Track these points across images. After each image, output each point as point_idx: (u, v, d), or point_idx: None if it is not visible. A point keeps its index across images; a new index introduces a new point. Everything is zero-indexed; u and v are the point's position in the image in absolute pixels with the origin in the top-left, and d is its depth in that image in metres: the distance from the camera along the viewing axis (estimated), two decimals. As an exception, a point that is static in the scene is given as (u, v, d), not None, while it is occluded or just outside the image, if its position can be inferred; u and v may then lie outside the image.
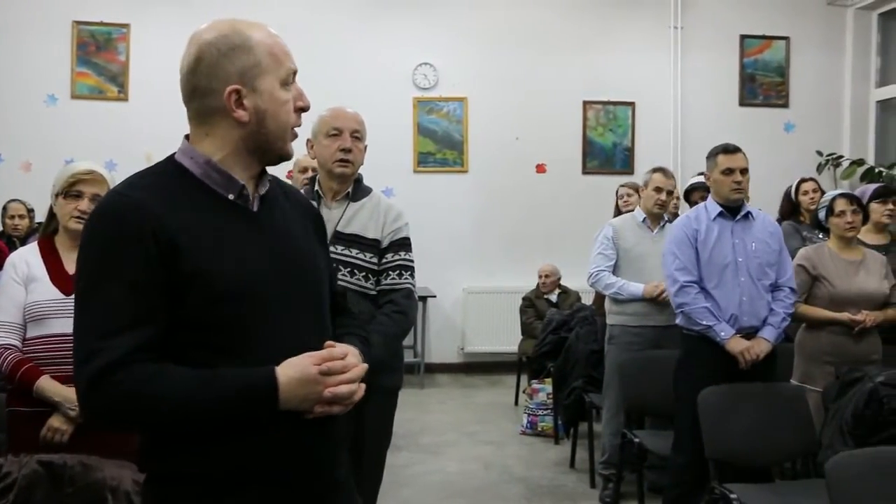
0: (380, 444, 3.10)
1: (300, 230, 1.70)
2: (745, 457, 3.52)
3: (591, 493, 4.81)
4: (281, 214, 1.67)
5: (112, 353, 1.41)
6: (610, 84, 8.36)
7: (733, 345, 3.59)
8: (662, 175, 4.67)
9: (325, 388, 1.50)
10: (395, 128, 7.98)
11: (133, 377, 1.42)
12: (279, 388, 1.47)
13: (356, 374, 1.56)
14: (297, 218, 1.71)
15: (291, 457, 1.54)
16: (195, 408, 1.45)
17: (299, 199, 1.81)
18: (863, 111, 8.63)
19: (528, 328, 6.97)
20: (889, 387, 3.49)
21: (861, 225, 4.12)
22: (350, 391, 1.53)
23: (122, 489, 2.44)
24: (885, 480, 2.49)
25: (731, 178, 3.73)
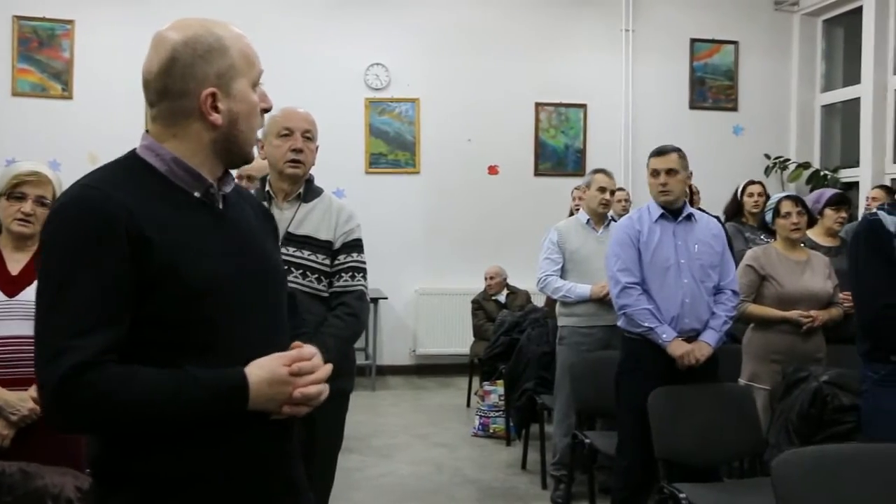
0: (331, 447, 3.06)
1: (259, 230, 1.70)
2: (694, 457, 3.53)
3: (542, 494, 4.81)
4: (241, 214, 1.66)
5: (83, 353, 1.36)
6: (562, 86, 8.40)
7: (675, 347, 3.58)
8: (604, 175, 4.72)
9: (295, 388, 1.51)
10: (346, 128, 7.93)
11: (105, 378, 1.38)
12: (249, 389, 1.46)
13: (323, 374, 1.56)
14: (254, 218, 1.71)
15: (252, 457, 1.53)
16: (167, 409, 1.41)
17: (251, 200, 1.79)
18: (809, 115, 8.78)
19: (479, 330, 6.97)
20: (832, 386, 3.55)
21: (806, 226, 4.17)
22: (318, 391, 1.55)
23: (63, 496, 2.37)
24: (829, 478, 2.51)
25: (657, 179, 3.74)
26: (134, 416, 1.41)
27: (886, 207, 3.20)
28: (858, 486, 2.52)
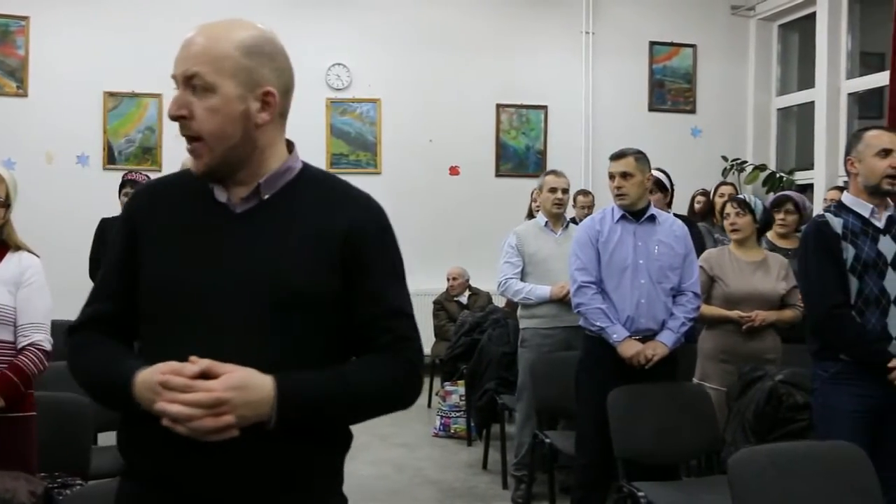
0: None
1: (295, 243, 1.55)
2: (653, 455, 3.57)
3: (503, 494, 4.83)
4: (276, 224, 1.57)
5: (79, 319, 1.64)
6: (523, 87, 8.44)
7: (625, 348, 3.62)
8: (554, 176, 4.78)
9: (161, 399, 1.41)
10: (307, 129, 7.87)
11: (75, 342, 1.62)
12: (134, 385, 1.46)
13: (201, 399, 1.39)
14: (306, 232, 1.56)
15: (217, 465, 1.50)
16: (97, 382, 1.59)
17: (336, 217, 1.60)
18: (765, 118, 8.92)
19: (440, 331, 6.98)
20: (787, 385, 3.61)
21: (748, 227, 4.19)
22: (182, 413, 1.39)
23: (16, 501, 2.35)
24: (783, 475, 2.56)
25: (613, 183, 3.79)
26: (81, 381, 1.62)
27: (833, 209, 3.27)
28: (812, 483, 2.57)
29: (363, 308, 1.58)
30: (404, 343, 1.61)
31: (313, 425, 1.52)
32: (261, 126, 1.57)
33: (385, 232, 1.66)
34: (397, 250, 1.68)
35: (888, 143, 3.16)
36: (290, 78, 1.65)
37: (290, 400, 1.45)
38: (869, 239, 3.15)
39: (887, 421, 3.08)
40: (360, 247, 1.58)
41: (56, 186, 7.33)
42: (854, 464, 2.62)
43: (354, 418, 1.60)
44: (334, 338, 1.58)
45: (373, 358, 1.58)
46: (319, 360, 1.54)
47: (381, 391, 1.59)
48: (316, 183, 1.65)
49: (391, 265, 1.65)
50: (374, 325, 1.58)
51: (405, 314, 1.63)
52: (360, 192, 1.68)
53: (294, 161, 1.64)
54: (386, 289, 1.62)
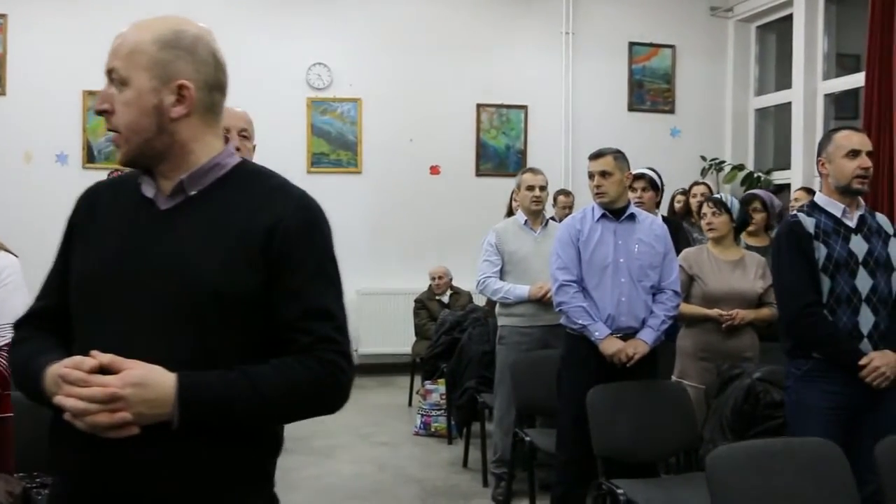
0: None
1: (216, 240, 1.53)
2: (631, 453, 3.60)
3: (483, 491, 4.85)
4: (200, 219, 1.56)
5: (21, 315, 1.70)
6: (503, 87, 8.46)
7: (606, 345, 3.65)
8: (531, 174, 4.83)
9: (60, 393, 1.43)
10: (288, 128, 7.88)
11: (14, 336, 1.68)
12: (44, 378, 1.49)
13: (95, 394, 1.39)
14: (229, 229, 1.54)
15: (78, 465, 1.52)
16: (20, 374, 1.62)
17: (262, 214, 1.57)
18: (743, 118, 8.99)
19: (421, 330, 6.99)
20: (765, 382, 3.65)
21: (725, 226, 4.23)
22: (76, 407, 1.40)
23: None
24: (761, 471, 2.59)
25: (593, 182, 3.82)
26: (14, 375, 1.67)
27: (806, 209, 3.31)
28: (788, 479, 2.60)
29: (284, 308, 1.53)
30: (326, 345, 1.54)
31: (221, 426, 1.48)
32: (177, 119, 1.56)
33: (312, 229, 1.60)
34: (328, 249, 1.63)
35: (857, 144, 3.20)
36: (215, 72, 1.61)
37: (192, 400, 1.43)
38: (841, 238, 3.19)
39: (860, 417, 3.13)
40: (283, 244, 1.54)
41: (35, 186, 7.27)
42: (830, 460, 2.66)
43: (265, 420, 1.56)
44: (254, 338, 1.53)
45: (289, 359, 1.52)
46: (236, 361, 1.49)
47: (292, 394, 1.51)
48: (248, 179, 1.62)
49: (317, 264, 1.59)
50: (294, 327, 1.53)
51: (329, 315, 1.57)
52: (294, 189, 1.63)
53: (225, 157, 1.62)
54: (308, 289, 1.55)
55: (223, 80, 1.64)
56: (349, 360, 1.58)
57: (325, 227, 1.64)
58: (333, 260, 1.64)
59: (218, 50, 1.63)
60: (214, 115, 1.63)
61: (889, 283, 3.19)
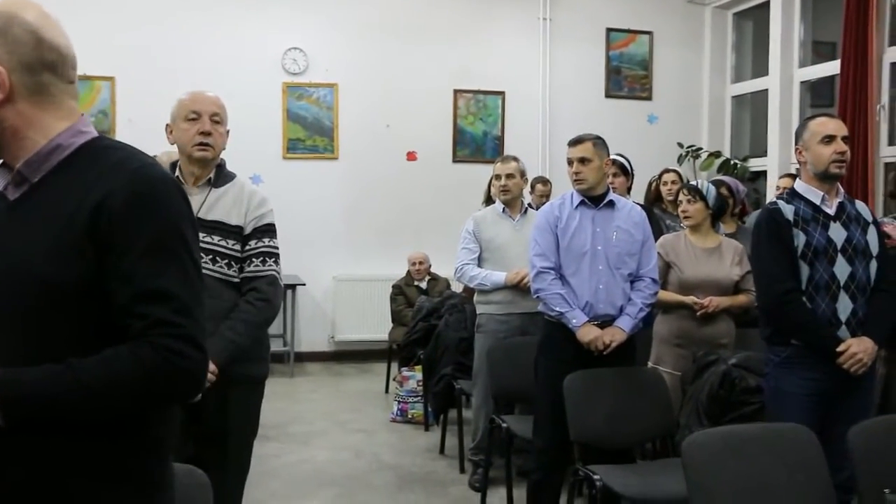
0: (245, 435, 3.02)
1: (48, 227, 1.45)
2: (608, 439, 3.61)
3: (460, 478, 4.85)
4: (39, 207, 1.49)
5: None
6: (480, 73, 8.43)
7: (584, 333, 3.63)
8: (500, 163, 4.83)
9: None
10: (263, 113, 7.82)
11: None
12: None
13: None
14: (61, 213, 1.46)
15: None
16: None
17: (92, 193, 1.46)
18: (720, 105, 9.02)
19: (398, 316, 6.98)
20: (740, 368, 3.67)
21: (700, 214, 4.23)
22: None
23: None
24: (736, 457, 2.60)
25: (571, 168, 3.80)
26: None
27: (785, 196, 3.32)
28: (763, 465, 2.61)
29: (115, 292, 1.42)
30: (160, 328, 1.41)
31: (50, 421, 1.41)
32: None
33: (144, 202, 1.45)
34: (168, 224, 1.47)
35: (832, 130, 3.22)
36: (35, 51, 1.48)
37: (11, 397, 1.37)
38: (819, 226, 3.20)
39: (836, 403, 3.15)
40: (109, 222, 1.42)
41: (5, 170, 7.18)
42: (804, 445, 2.68)
43: (97, 413, 1.44)
44: (90, 328, 1.45)
45: (121, 348, 1.41)
46: (76, 351, 1.41)
47: (121, 384, 1.41)
48: (92, 158, 1.50)
49: (151, 241, 1.44)
50: (127, 311, 1.42)
51: (165, 296, 1.43)
52: (134, 162, 1.50)
53: (68, 137, 1.51)
54: (140, 269, 1.42)
55: (51, 57, 1.50)
56: (193, 342, 1.44)
57: (166, 199, 1.48)
58: (179, 235, 1.48)
59: (43, 27, 1.50)
60: (49, 95, 1.51)
61: (867, 271, 3.21)
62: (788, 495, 2.58)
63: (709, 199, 4.24)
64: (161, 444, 1.57)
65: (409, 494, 4.61)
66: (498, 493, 4.45)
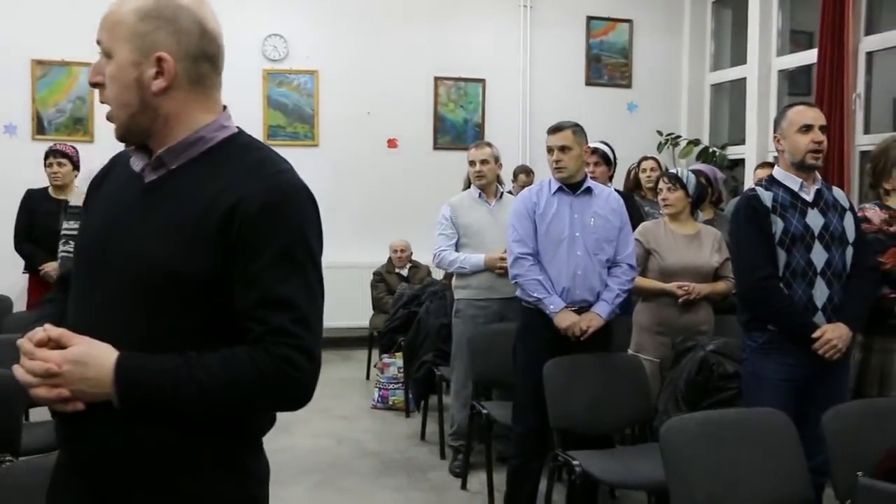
0: None
1: (180, 217, 1.48)
2: (587, 424, 3.64)
3: (441, 464, 4.88)
4: (175, 195, 1.51)
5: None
6: (461, 60, 8.42)
7: (561, 318, 3.65)
8: (474, 148, 4.84)
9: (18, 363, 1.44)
10: (243, 100, 7.75)
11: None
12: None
13: (35, 368, 1.41)
14: (195, 205, 1.48)
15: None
16: None
17: (229, 191, 1.48)
18: (699, 93, 9.05)
19: (379, 303, 6.98)
20: (718, 354, 3.70)
21: (680, 202, 4.24)
22: (21, 379, 1.42)
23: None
24: (713, 441, 2.64)
25: (552, 156, 3.81)
26: None
27: (764, 183, 3.35)
28: (740, 449, 2.65)
29: (239, 294, 1.45)
30: (278, 337, 1.44)
31: (162, 411, 1.44)
32: (158, 93, 1.50)
33: (279, 210, 1.48)
34: (300, 234, 1.50)
35: (810, 119, 3.25)
36: (199, 42, 1.54)
37: (129, 382, 1.41)
38: (797, 212, 3.24)
39: (812, 389, 3.19)
40: (243, 225, 1.44)
41: (-18, 157, 7.12)
42: (780, 430, 2.72)
43: (207, 410, 1.46)
44: (210, 323, 1.47)
45: (240, 349, 1.44)
46: (189, 345, 1.44)
47: (234, 387, 1.44)
48: (232, 154, 1.54)
49: (282, 250, 1.46)
50: (248, 315, 1.45)
51: (288, 305, 1.45)
52: (274, 166, 1.54)
53: (212, 131, 1.55)
54: (267, 275, 1.45)
55: (212, 50, 1.57)
56: (308, 355, 1.47)
57: (298, 209, 1.52)
58: (306, 246, 1.51)
59: (206, 19, 1.55)
60: (203, 86, 1.56)
61: (844, 257, 3.25)
62: (764, 479, 2.62)
63: (689, 186, 4.26)
64: (260, 432, 1.62)
65: (390, 480, 4.63)
66: (478, 479, 4.49)
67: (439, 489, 4.52)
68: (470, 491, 4.47)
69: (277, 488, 4.71)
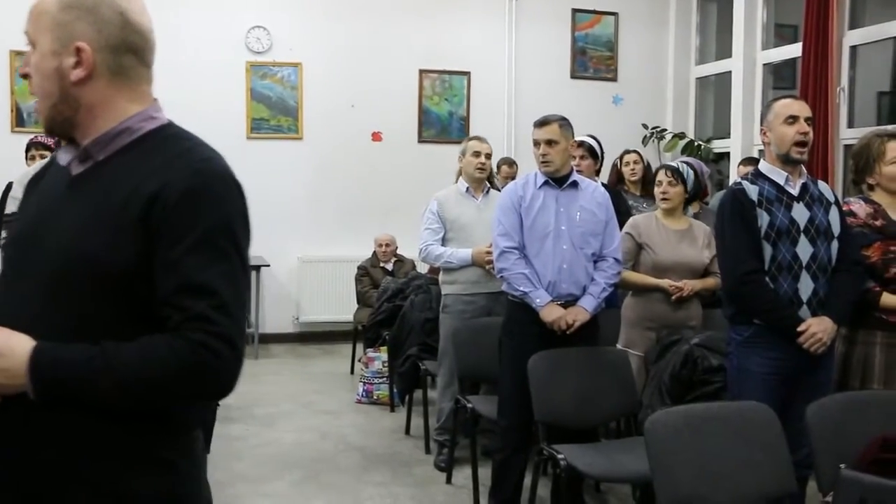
0: None
1: (102, 208, 1.47)
2: (572, 418, 3.63)
3: (426, 458, 4.87)
4: (99, 187, 1.50)
5: None
6: (446, 53, 8.39)
7: (547, 312, 3.64)
8: (478, 140, 4.82)
9: None
10: (227, 93, 7.72)
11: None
12: None
13: None
14: (118, 196, 1.47)
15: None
16: None
17: (152, 180, 1.48)
18: (684, 87, 9.06)
19: (363, 297, 6.96)
20: (703, 348, 3.71)
21: (679, 197, 4.21)
22: None
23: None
24: (697, 435, 2.64)
25: (538, 150, 3.79)
26: None
27: (750, 177, 3.35)
28: (724, 442, 2.65)
29: (159, 282, 1.43)
30: (197, 324, 1.41)
31: (78, 401, 1.42)
32: (77, 83, 1.50)
33: (201, 196, 1.45)
34: (222, 220, 1.47)
35: (796, 111, 3.26)
36: (121, 33, 1.52)
37: (43, 372, 1.40)
38: (783, 206, 3.24)
39: (796, 383, 3.20)
40: (164, 212, 1.43)
41: (-39, 149, 7.04)
42: (764, 424, 2.72)
43: (127, 400, 1.43)
44: (135, 314, 1.45)
45: (156, 337, 1.41)
46: (114, 336, 1.42)
47: (153, 374, 1.41)
48: (158, 144, 1.52)
49: (202, 235, 1.43)
50: (168, 302, 1.42)
51: (208, 292, 1.42)
52: (198, 154, 1.52)
53: (138, 121, 1.53)
54: (186, 261, 1.42)
55: (136, 41, 1.54)
56: (229, 342, 1.43)
57: (222, 197, 1.49)
58: (230, 234, 1.48)
59: (130, 10, 1.53)
60: (127, 78, 1.54)
61: (829, 251, 3.26)
62: (748, 472, 2.63)
63: (688, 182, 4.23)
64: (186, 426, 1.58)
65: (375, 475, 4.61)
66: (463, 473, 4.48)
67: (424, 483, 4.51)
68: (455, 485, 4.46)
69: (260, 483, 4.72)
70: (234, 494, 4.28)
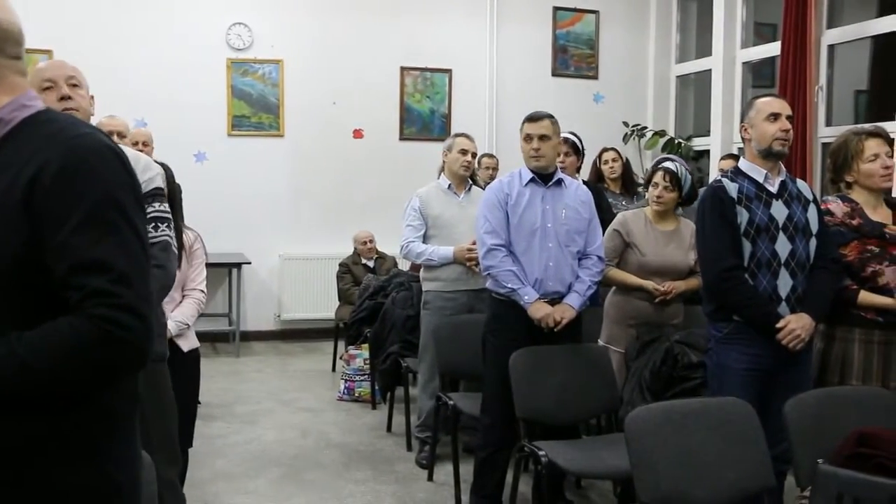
0: (162, 418, 2.93)
1: None
2: (554, 415, 3.65)
3: (407, 455, 4.87)
4: None
5: None
6: (427, 51, 8.39)
7: (535, 309, 3.65)
8: (466, 138, 4.81)
9: None
10: (208, 90, 7.68)
11: None
12: None
13: None
14: (1, 187, 1.44)
15: None
16: None
17: (30, 164, 1.45)
18: (665, 85, 9.10)
19: (345, 294, 6.95)
20: (682, 344, 3.73)
21: (673, 202, 4.17)
22: None
23: None
24: (677, 430, 2.65)
25: (530, 145, 3.79)
26: None
27: (730, 174, 3.38)
28: (703, 438, 2.67)
29: (53, 267, 1.40)
30: (97, 299, 1.38)
31: None
32: None
33: (77, 173, 1.42)
34: (102, 193, 1.43)
35: (778, 108, 3.29)
36: None
37: None
38: (762, 204, 3.26)
39: (775, 379, 3.22)
40: (44, 195, 1.40)
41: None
42: (743, 419, 2.74)
43: (39, 388, 1.41)
44: (37, 303, 1.42)
45: (59, 320, 1.39)
46: (16, 328, 1.40)
47: (59, 357, 1.38)
48: (33, 131, 1.49)
49: (85, 212, 1.40)
50: (65, 284, 1.39)
51: (103, 267, 1.40)
52: (73, 131, 1.48)
53: (8, 112, 1.50)
54: (75, 240, 1.39)
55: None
56: (134, 312, 1.40)
57: (101, 169, 1.45)
58: (116, 204, 1.44)
59: None
60: None
61: (807, 248, 3.29)
62: (727, 467, 2.65)
63: (684, 188, 4.19)
64: (113, 414, 1.53)
65: (356, 473, 4.61)
66: (444, 470, 4.48)
67: (405, 481, 4.51)
68: (436, 482, 4.47)
69: (241, 481, 4.70)
70: (215, 492, 4.27)
